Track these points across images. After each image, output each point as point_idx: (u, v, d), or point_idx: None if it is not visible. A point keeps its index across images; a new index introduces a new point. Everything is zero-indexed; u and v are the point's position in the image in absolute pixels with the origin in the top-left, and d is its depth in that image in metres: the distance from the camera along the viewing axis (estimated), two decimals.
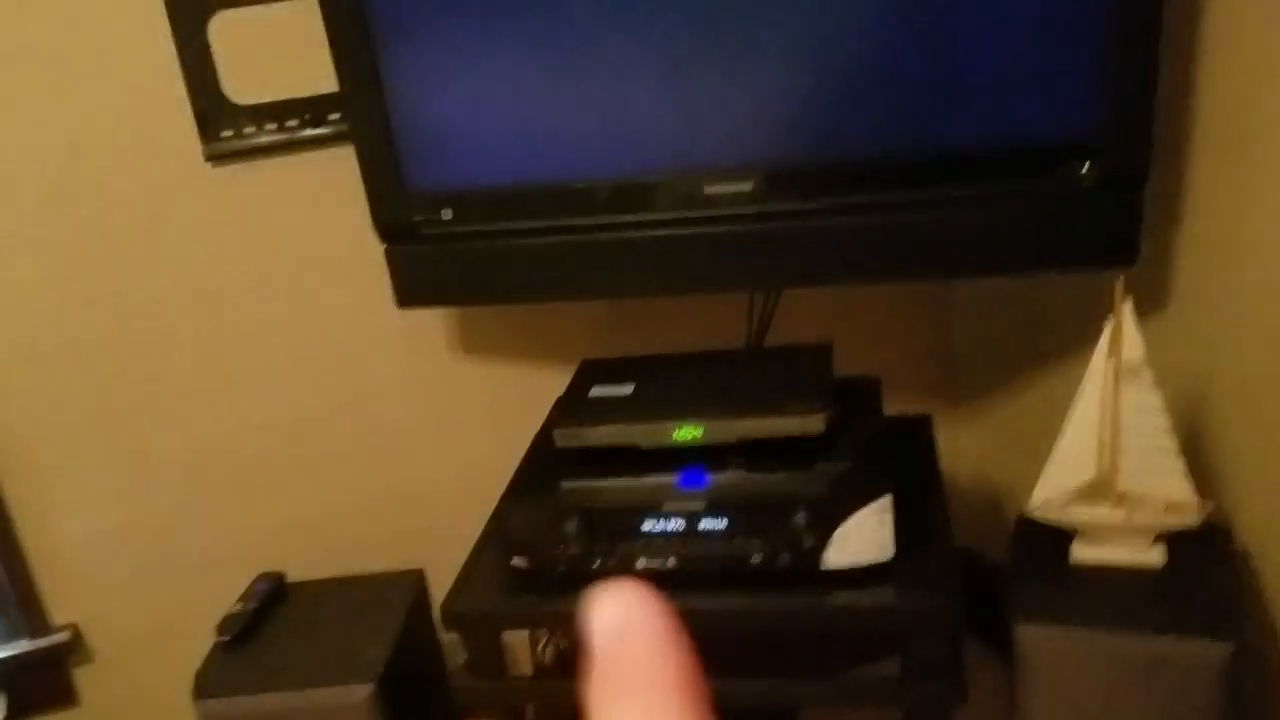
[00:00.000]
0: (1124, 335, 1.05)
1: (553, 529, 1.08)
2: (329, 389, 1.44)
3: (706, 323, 1.52)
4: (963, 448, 1.66)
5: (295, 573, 1.41)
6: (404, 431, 1.48)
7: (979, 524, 1.67)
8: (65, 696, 1.47)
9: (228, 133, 1.32)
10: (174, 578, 1.46)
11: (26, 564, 1.41)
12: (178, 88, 1.30)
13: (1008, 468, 1.58)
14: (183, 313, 1.38)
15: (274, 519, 1.47)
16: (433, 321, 1.45)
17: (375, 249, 1.27)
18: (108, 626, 1.46)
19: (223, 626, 1.25)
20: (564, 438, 1.12)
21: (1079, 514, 1.09)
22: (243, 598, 1.31)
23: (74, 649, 1.45)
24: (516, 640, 1.55)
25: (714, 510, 1.05)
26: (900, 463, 1.25)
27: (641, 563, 1.07)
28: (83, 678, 1.47)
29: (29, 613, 1.43)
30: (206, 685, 1.18)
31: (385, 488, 1.49)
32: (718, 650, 1.39)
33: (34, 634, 1.43)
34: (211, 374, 1.40)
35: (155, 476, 1.42)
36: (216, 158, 1.33)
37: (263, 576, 1.36)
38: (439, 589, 1.16)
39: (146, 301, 1.36)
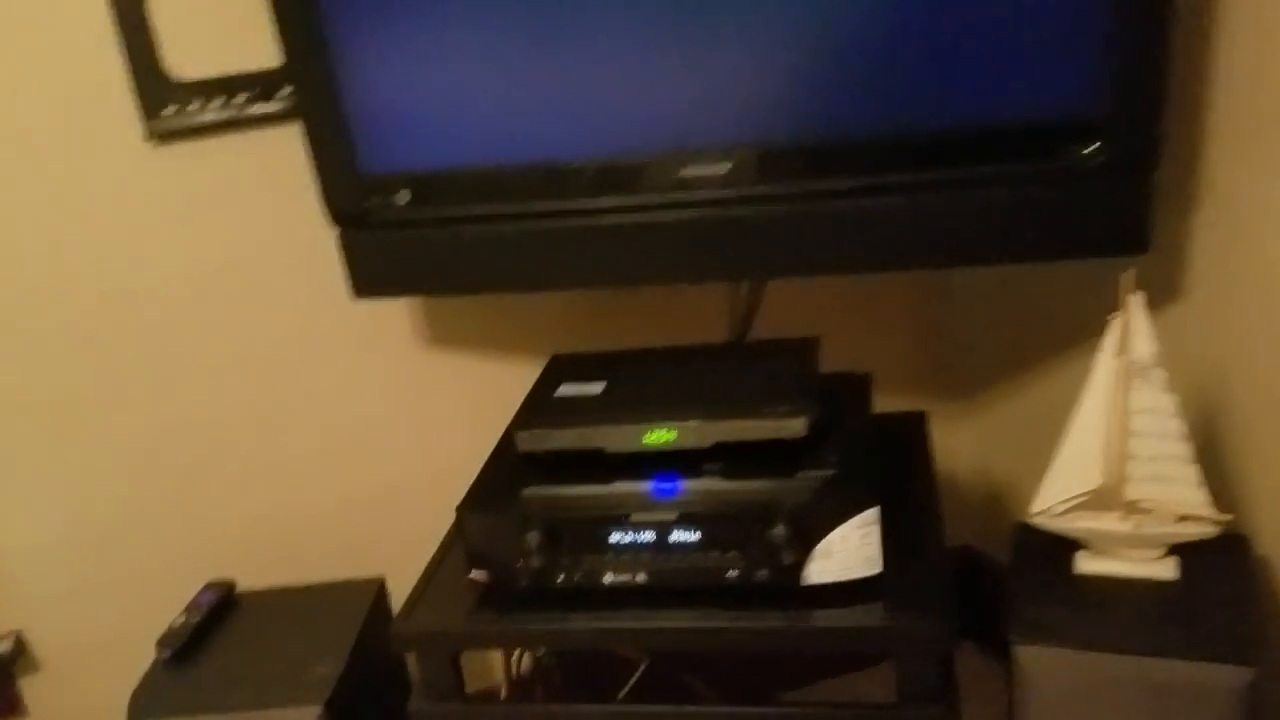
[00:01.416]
0: (1134, 332, 0.98)
1: (513, 541, 1.00)
2: (283, 385, 1.37)
3: (687, 315, 1.45)
4: (960, 443, 1.60)
5: (247, 580, 1.33)
6: (364, 430, 1.41)
7: (978, 521, 1.61)
8: (10, 706, 1.40)
9: (170, 110, 1.23)
10: (122, 584, 1.38)
11: None
12: (115, 61, 1.21)
13: (1007, 463, 1.53)
14: (124, 304, 1.29)
15: (225, 523, 1.39)
16: (395, 312, 1.37)
17: (333, 234, 1.20)
18: (54, 635, 1.39)
19: (164, 641, 1.18)
20: (527, 441, 1.04)
21: (1084, 524, 1.02)
22: (187, 609, 1.23)
23: (17, 657, 1.37)
24: (492, 654, 1.48)
25: (687, 521, 0.97)
26: (891, 466, 1.17)
27: (609, 578, 1.00)
28: (29, 687, 1.40)
29: None
30: (143, 705, 1.11)
31: (344, 490, 1.42)
32: (695, 669, 1.31)
33: None
34: (156, 369, 1.32)
35: (99, 478, 1.34)
36: (158, 136, 1.24)
37: (210, 586, 1.28)
38: (401, 597, 1.09)
39: (85, 293, 1.28)
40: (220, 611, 1.25)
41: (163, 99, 1.23)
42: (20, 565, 1.35)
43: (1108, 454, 1.00)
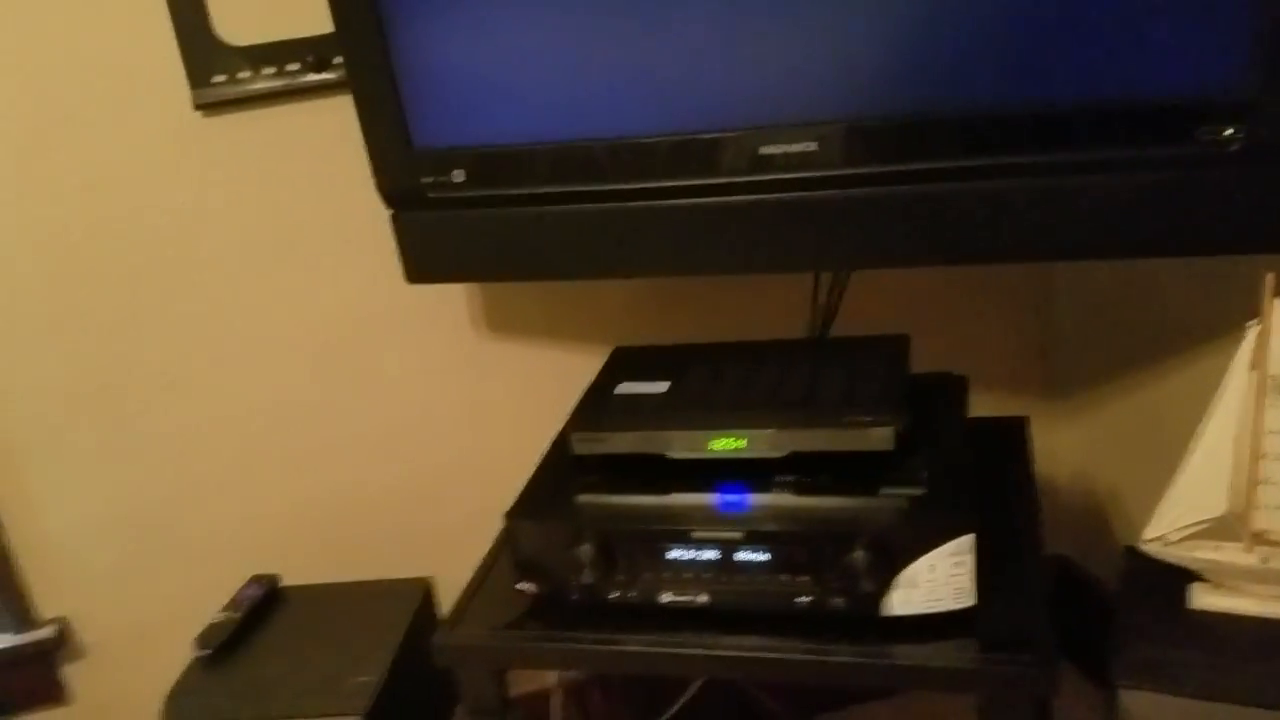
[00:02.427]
0: (1272, 343, 0.87)
1: (565, 552, 0.92)
2: (335, 369, 1.32)
3: (763, 308, 1.37)
4: (1063, 449, 1.51)
5: (292, 574, 1.29)
6: (418, 420, 1.36)
7: (1076, 531, 1.52)
8: (54, 694, 1.38)
9: (220, 78, 1.18)
10: (167, 572, 1.35)
11: (10, 555, 1.31)
12: (163, 26, 1.16)
13: (1111, 471, 1.44)
14: (171, 283, 1.25)
15: (273, 511, 1.35)
16: (453, 297, 1.32)
17: (387, 212, 1.14)
18: (99, 623, 1.36)
19: (203, 639, 1.13)
20: (582, 443, 0.97)
21: (1204, 554, 0.92)
22: (229, 605, 1.18)
23: (61, 644, 1.35)
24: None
25: (755, 540, 0.88)
26: (988, 479, 1.07)
27: (667, 597, 0.91)
28: (73, 675, 1.38)
29: (14, 607, 1.32)
30: (178, 707, 1.06)
31: (395, 484, 1.37)
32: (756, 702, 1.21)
33: (19, 628, 1.33)
34: (204, 352, 1.28)
35: (145, 463, 1.31)
36: (207, 106, 1.19)
37: (254, 580, 1.24)
38: (449, 596, 1.03)
39: (131, 270, 1.24)
40: (263, 608, 1.21)
41: (212, 66, 1.17)
42: (66, 552, 1.33)
43: (1236, 478, 0.90)
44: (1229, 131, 0.90)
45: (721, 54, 0.99)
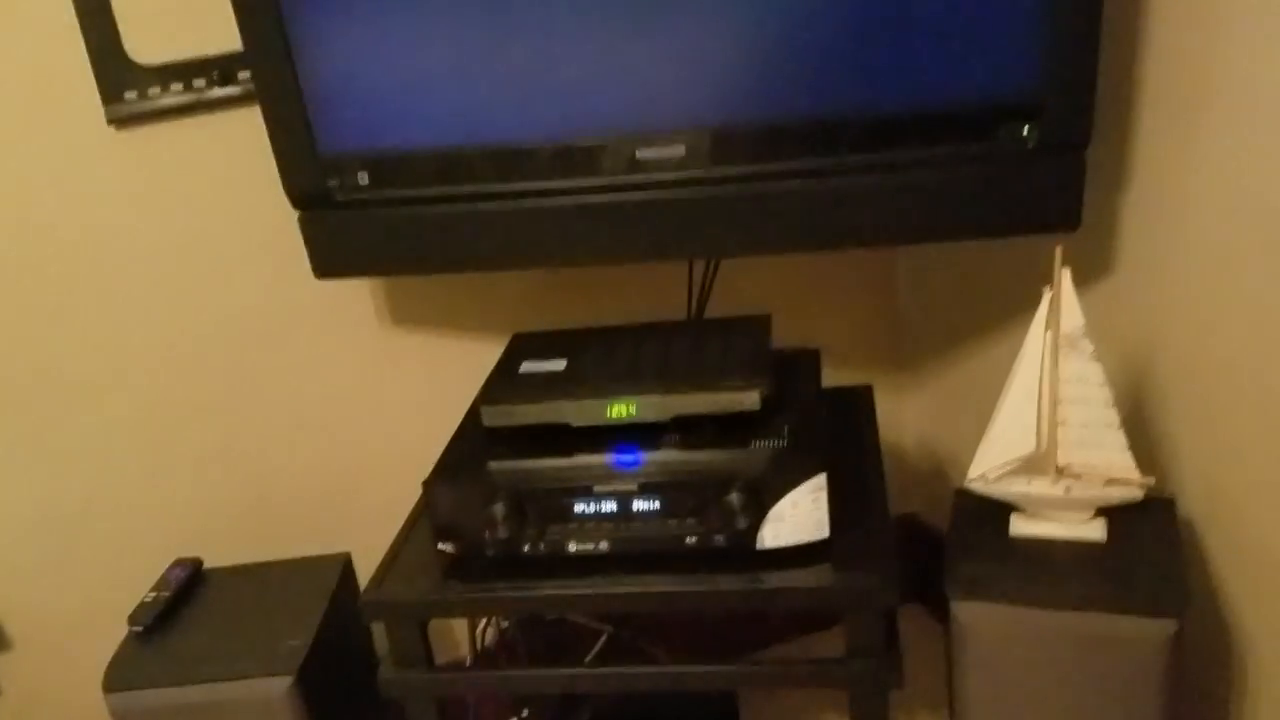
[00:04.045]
0: (1062, 305, 1.03)
1: (480, 512, 1.03)
2: (249, 364, 1.38)
3: (645, 293, 1.48)
4: (907, 414, 1.65)
5: (214, 558, 1.35)
6: (330, 408, 1.43)
7: (924, 490, 1.66)
8: None
9: (131, 94, 1.24)
10: (91, 563, 1.39)
11: None
12: (76, 46, 1.21)
13: (951, 433, 1.58)
14: (89, 286, 1.30)
15: (192, 501, 1.41)
16: (359, 292, 1.39)
17: (294, 216, 1.21)
18: (25, 614, 1.39)
19: (135, 616, 1.19)
20: (492, 415, 1.08)
21: (1018, 488, 1.07)
22: (157, 586, 1.25)
23: None
24: (458, 625, 1.51)
25: (647, 491, 1.01)
26: (839, 437, 1.22)
27: (573, 546, 1.04)
28: (1, 667, 1.41)
29: None
30: (117, 677, 1.13)
31: (310, 468, 1.44)
32: (656, 641, 1.36)
33: None
34: (122, 350, 1.33)
35: (66, 458, 1.35)
36: (119, 120, 1.25)
37: (178, 563, 1.30)
38: (367, 574, 1.11)
39: (49, 274, 1.28)
40: (189, 588, 1.27)
41: (124, 84, 1.23)
42: None
43: (1040, 421, 1.04)
44: (1024, 130, 1.07)
45: (598, 70, 1.10)
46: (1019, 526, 1.08)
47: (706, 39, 1.07)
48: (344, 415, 1.43)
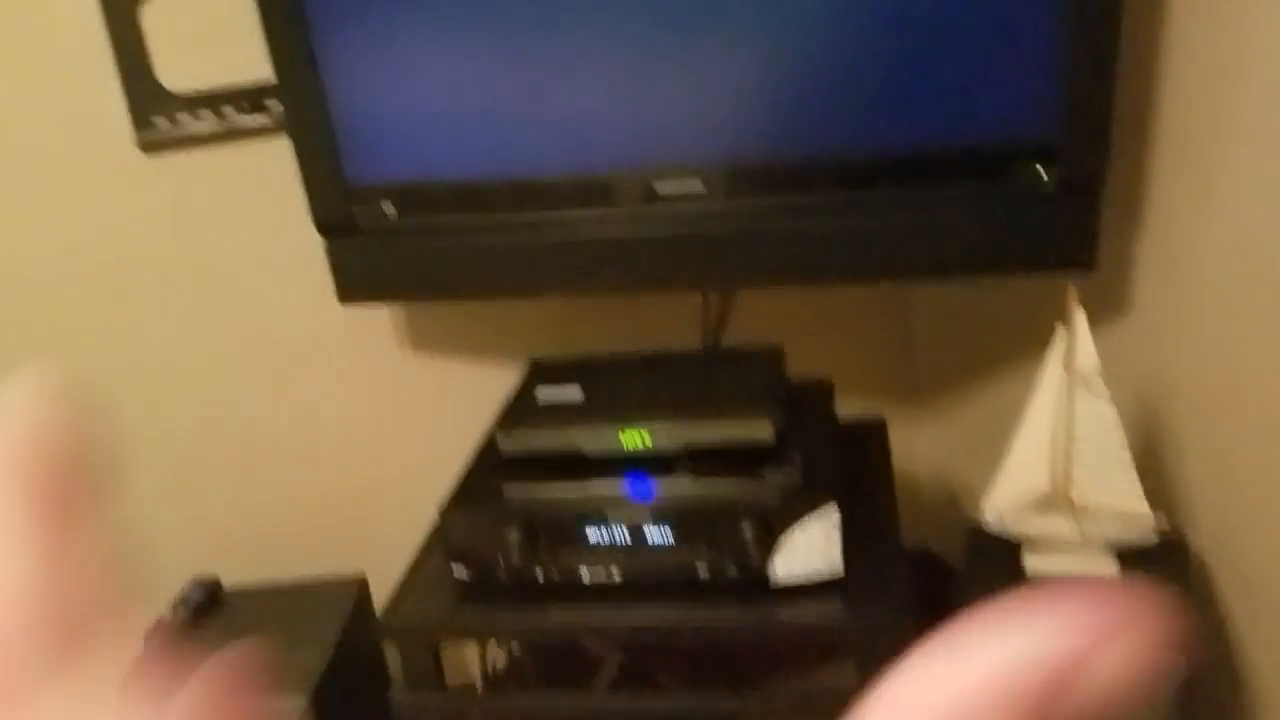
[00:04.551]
0: (1077, 345, 1.03)
1: (494, 537, 1.05)
2: (270, 387, 1.40)
3: (661, 323, 1.49)
4: (920, 449, 1.65)
5: (231, 578, 1.36)
6: (348, 431, 1.44)
7: (937, 525, 1.66)
8: None
9: (162, 121, 1.27)
10: None
11: None
12: (109, 73, 1.24)
13: (965, 469, 1.57)
14: (116, 308, 1.32)
15: (210, 521, 1.42)
16: (379, 317, 1.41)
17: (319, 242, 1.23)
18: None
19: (151, 637, 1.21)
20: (508, 442, 1.09)
21: (1031, 526, 1.07)
22: (174, 605, 1.26)
23: None
24: (469, 649, 1.52)
25: (660, 520, 1.02)
26: (852, 469, 1.23)
27: (586, 574, 1.04)
28: None
29: None
30: None
31: (328, 490, 1.45)
32: (663, 660, 1.36)
33: None
34: (146, 371, 1.35)
35: None
36: (150, 146, 1.28)
37: (196, 582, 1.31)
38: (383, 595, 1.12)
39: (77, 297, 1.31)
40: (206, 608, 1.29)
41: (155, 110, 1.26)
42: None
43: (1053, 459, 1.05)
44: (1043, 172, 1.08)
45: (619, 106, 1.12)
46: (1032, 563, 1.08)
47: (725, 77, 1.09)
48: (362, 438, 1.45)
